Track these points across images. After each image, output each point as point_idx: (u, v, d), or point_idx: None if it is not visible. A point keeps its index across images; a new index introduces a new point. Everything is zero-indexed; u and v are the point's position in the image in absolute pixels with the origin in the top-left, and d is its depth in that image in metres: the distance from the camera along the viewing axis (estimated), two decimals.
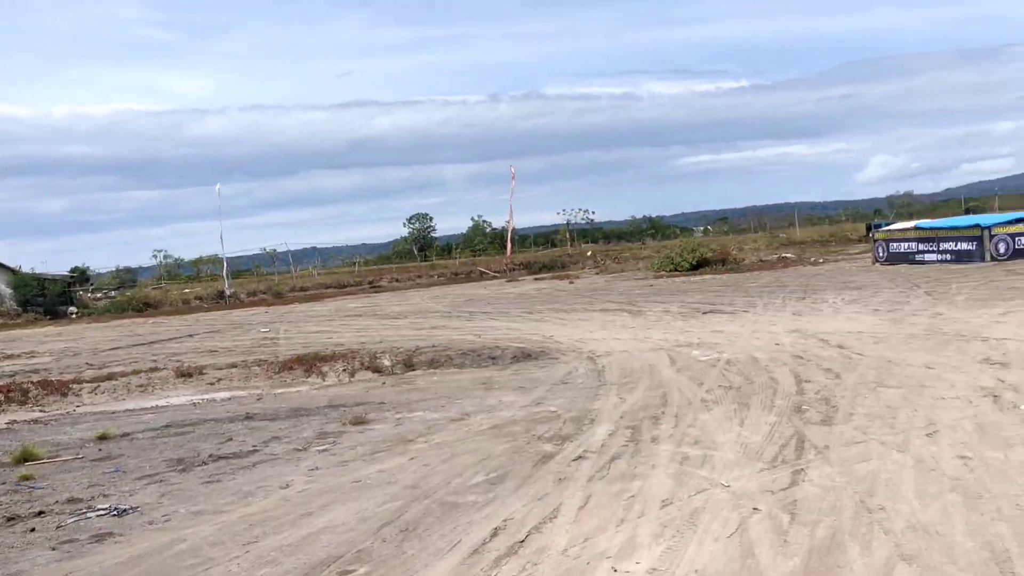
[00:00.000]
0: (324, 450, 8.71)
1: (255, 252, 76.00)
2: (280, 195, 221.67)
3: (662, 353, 13.54)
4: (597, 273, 44.33)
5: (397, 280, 56.27)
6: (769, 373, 10.74)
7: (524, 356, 14.70)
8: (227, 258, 52.50)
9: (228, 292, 47.51)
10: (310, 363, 14.60)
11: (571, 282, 38.27)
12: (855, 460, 6.54)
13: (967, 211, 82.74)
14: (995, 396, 8.25)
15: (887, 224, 50.73)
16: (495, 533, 5.69)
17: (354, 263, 78.05)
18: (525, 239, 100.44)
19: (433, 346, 17.76)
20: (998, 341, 11.47)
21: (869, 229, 58.19)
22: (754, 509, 5.66)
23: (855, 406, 8.41)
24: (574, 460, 7.36)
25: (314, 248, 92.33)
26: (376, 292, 46.87)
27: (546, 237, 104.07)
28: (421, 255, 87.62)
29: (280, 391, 13.28)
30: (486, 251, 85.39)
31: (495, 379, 12.46)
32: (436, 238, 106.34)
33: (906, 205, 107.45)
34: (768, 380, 10.25)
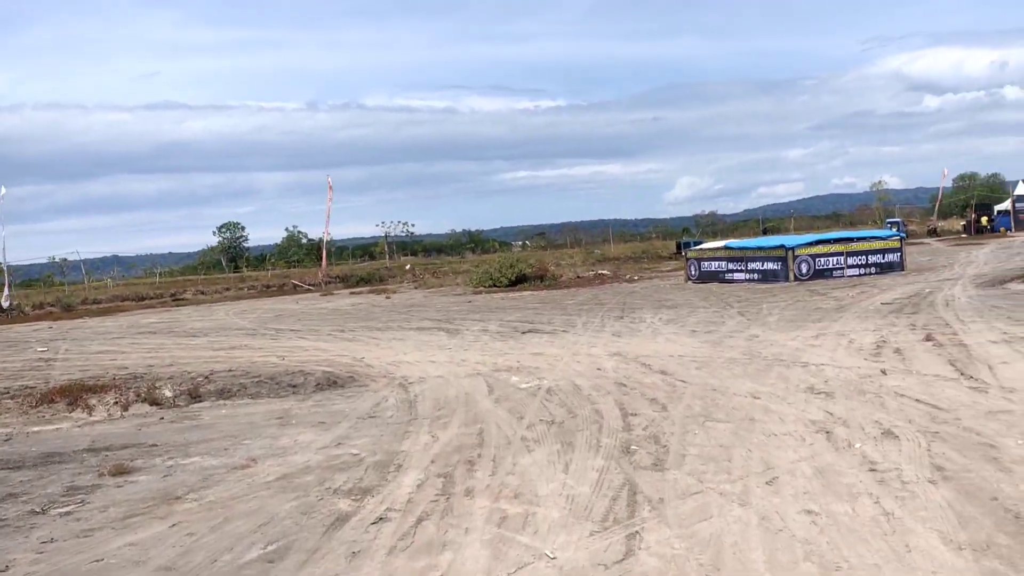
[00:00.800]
0: (68, 513, 7.08)
1: (45, 260, 69.56)
2: (79, 200, 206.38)
3: (480, 379, 12.59)
4: (415, 288, 43.19)
5: (203, 293, 52.87)
6: (593, 404, 9.99)
7: (330, 383, 13.33)
8: (9, 266, 47.40)
9: (7, 304, 42.68)
10: (76, 394, 12.57)
11: (388, 297, 36.96)
12: (695, 518, 5.75)
13: (764, 231, 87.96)
14: (827, 432, 7.78)
15: (696, 242, 52.76)
16: None
17: (156, 273, 73.04)
18: (343, 251, 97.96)
19: (229, 370, 16.07)
20: (817, 367, 11.27)
21: (679, 247, 60.48)
22: None
23: (686, 445, 7.72)
24: (373, 523, 6.18)
25: (116, 256, 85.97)
26: (179, 306, 43.65)
27: (365, 249, 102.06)
28: (232, 266, 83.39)
29: (36, 429, 11.26)
30: (302, 263, 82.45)
31: (293, 412, 11.05)
32: (248, 248, 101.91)
33: (711, 224, 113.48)
34: (592, 413, 9.47)
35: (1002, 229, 61.51)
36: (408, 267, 64.08)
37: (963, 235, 62.85)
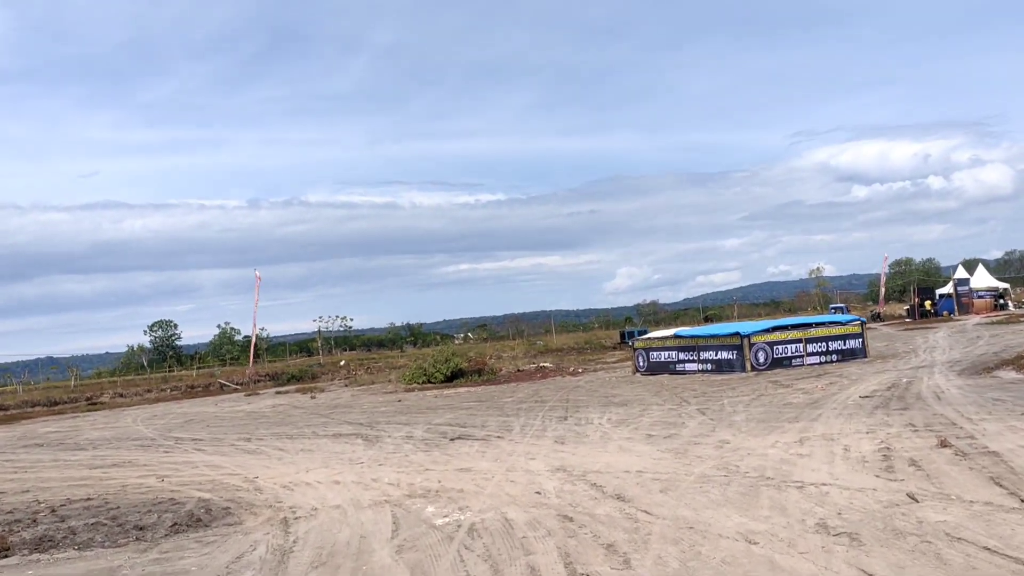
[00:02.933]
0: None
1: None
2: (11, 302, 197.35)
3: (386, 511, 9.79)
4: (346, 385, 40.08)
5: (122, 396, 48.95)
6: (528, 554, 7.26)
7: (193, 521, 10.36)
8: None
9: None
10: None
11: (313, 397, 33.87)
12: None
13: (706, 319, 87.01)
14: None
15: (640, 331, 50.70)
16: None
17: (72, 376, 68.20)
18: (280, 347, 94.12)
19: (88, 499, 13.10)
20: (818, 490, 8.71)
21: (623, 336, 58.49)
22: None
23: None
24: None
25: (50, 358, 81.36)
26: (92, 410, 40.05)
27: (302, 345, 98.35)
28: (164, 365, 79.05)
29: None
30: (237, 360, 78.53)
31: (120, 574, 8.09)
32: (181, 347, 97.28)
33: (652, 313, 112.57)
34: (526, 572, 6.75)
35: (945, 313, 60.91)
36: (343, 363, 60.94)
37: (907, 319, 62.06)
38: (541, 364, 39.64)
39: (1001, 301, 64.77)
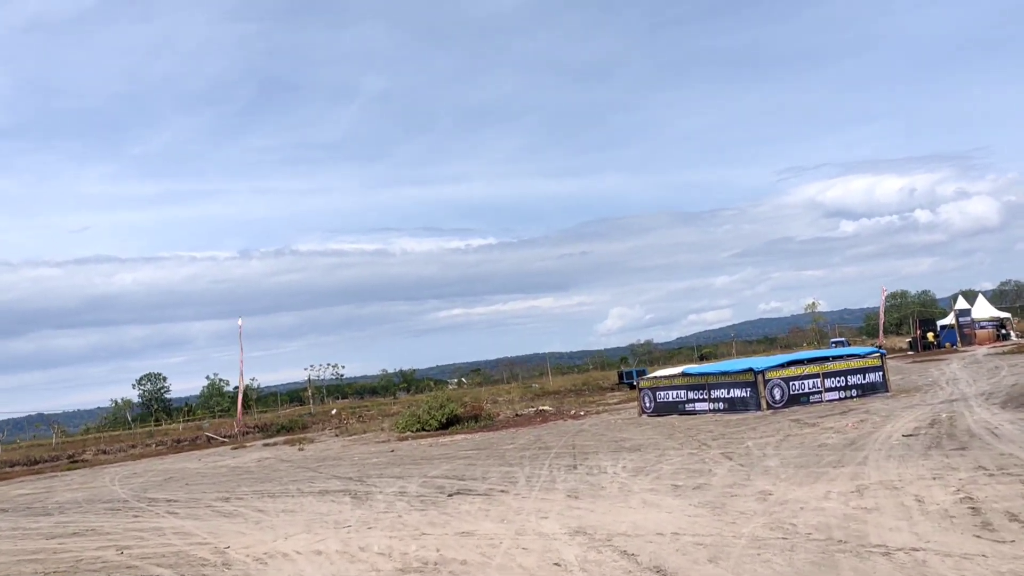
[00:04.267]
0: None
1: None
2: (2, 358, 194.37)
3: None
4: (336, 435, 38.24)
5: (105, 452, 46.99)
6: None
7: None
8: None
9: None
10: None
11: (301, 449, 32.05)
12: None
13: (701, 357, 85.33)
14: None
15: (639, 371, 49.05)
16: None
17: (53, 433, 65.89)
18: (271, 397, 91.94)
19: None
20: (910, 556, 7.04)
21: (621, 377, 56.79)
22: None
23: None
24: None
25: (40, 415, 79.44)
26: (73, 468, 38.31)
27: (293, 395, 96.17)
28: (152, 419, 76.89)
29: None
30: (227, 411, 76.55)
31: None
32: (171, 400, 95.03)
33: (647, 352, 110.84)
34: None
35: (947, 344, 59.45)
36: (334, 412, 59.02)
37: (909, 352, 60.55)
38: (540, 408, 37.89)
39: (1003, 331, 63.48)
